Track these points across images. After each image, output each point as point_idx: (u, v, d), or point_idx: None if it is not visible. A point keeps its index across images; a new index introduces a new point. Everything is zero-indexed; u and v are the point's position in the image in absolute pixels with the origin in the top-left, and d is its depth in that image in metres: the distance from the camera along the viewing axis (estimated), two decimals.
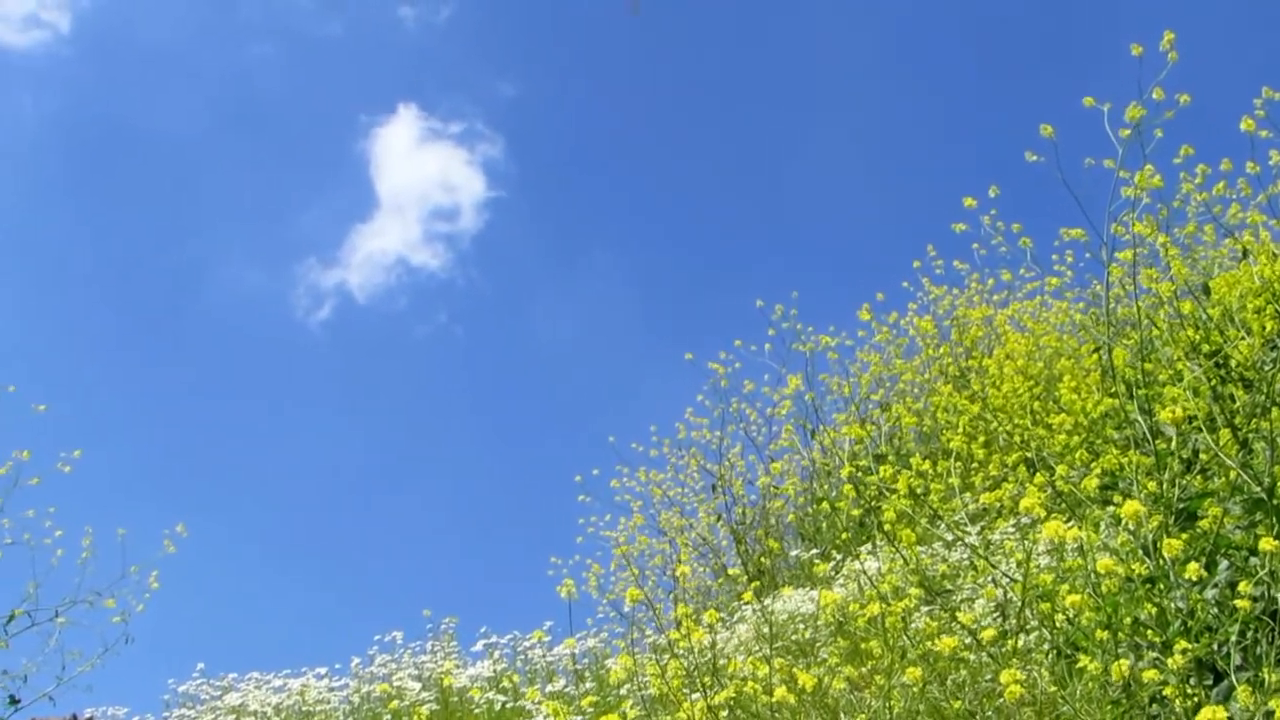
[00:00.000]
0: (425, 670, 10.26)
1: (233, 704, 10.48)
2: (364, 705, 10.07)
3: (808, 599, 8.29)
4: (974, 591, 6.70)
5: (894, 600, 5.26)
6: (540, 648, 9.88)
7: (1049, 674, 4.74)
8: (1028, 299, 13.62)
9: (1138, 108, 6.07)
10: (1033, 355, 11.65)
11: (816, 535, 11.60)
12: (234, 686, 10.99)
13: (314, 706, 10.19)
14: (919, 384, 12.88)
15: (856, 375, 12.81)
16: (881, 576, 6.24)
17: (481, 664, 9.90)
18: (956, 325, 13.32)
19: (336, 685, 10.67)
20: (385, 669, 10.45)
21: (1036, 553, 6.28)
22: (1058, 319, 12.79)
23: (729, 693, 4.58)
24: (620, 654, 5.33)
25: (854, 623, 5.70)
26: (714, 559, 12.73)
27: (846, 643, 5.74)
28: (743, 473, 13.29)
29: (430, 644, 10.79)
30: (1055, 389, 10.12)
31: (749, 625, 8.51)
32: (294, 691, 10.42)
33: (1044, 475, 6.49)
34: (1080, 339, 11.91)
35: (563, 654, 9.60)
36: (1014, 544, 6.96)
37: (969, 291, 13.82)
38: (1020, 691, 4.29)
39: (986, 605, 6.23)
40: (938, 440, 11.02)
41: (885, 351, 13.33)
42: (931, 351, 13.03)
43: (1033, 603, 5.40)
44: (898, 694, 4.61)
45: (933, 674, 4.53)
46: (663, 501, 13.37)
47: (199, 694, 11.18)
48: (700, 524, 13.03)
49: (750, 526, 12.81)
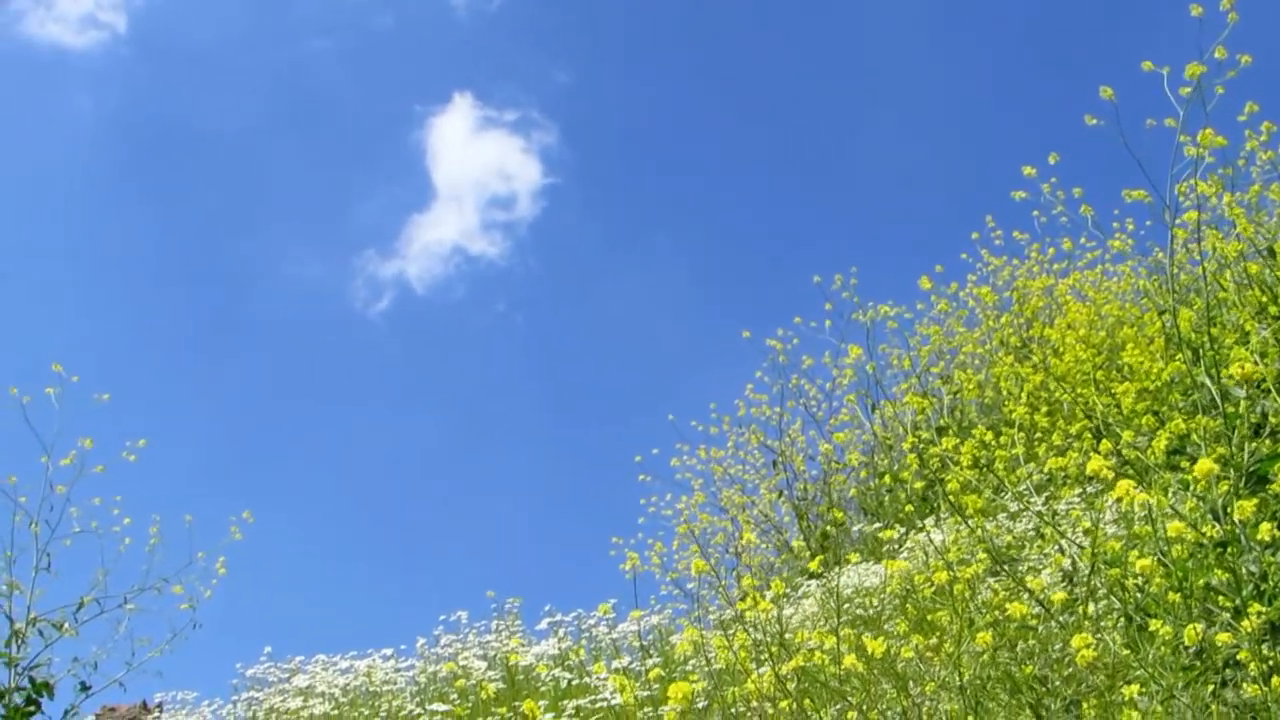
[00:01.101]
0: (490, 649, 10.29)
1: (300, 686, 10.55)
2: (430, 685, 10.11)
3: (872, 573, 8.25)
4: (1040, 561, 6.65)
5: (961, 568, 5.22)
6: (605, 624, 9.89)
7: (1120, 638, 4.69)
8: (1089, 268, 13.50)
9: (1198, 65, 5.97)
10: (1095, 324, 11.53)
11: (879, 509, 11.55)
12: (301, 669, 11.07)
13: (381, 687, 10.24)
14: (979, 355, 12.79)
15: (916, 348, 12.74)
16: (947, 548, 6.21)
17: (547, 642, 9.93)
18: (1017, 296, 13.21)
19: (403, 666, 10.73)
20: (451, 649, 10.49)
21: (1103, 521, 6.22)
22: (1120, 287, 12.67)
23: (797, 661, 4.56)
24: (686, 628, 5.32)
25: (920, 593, 5.66)
26: (776, 535, 12.71)
27: (913, 613, 5.70)
28: (803, 448, 13.28)
29: (495, 623, 10.82)
30: (1118, 358, 10.02)
31: (814, 600, 8.48)
32: (360, 672, 10.48)
33: (1110, 442, 6.43)
34: (1143, 307, 11.79)
35: (627, 631, 9.60)
36: (1080, 512, 6.90)
37: (1029, 262, 13.71)
38: (1092, 656, 4.24)
39: (1054, 574, 6.18)
40: (1000, 411, 10.94)
41: (945, 323, 13.24)
42: (992, 323, 12.93)
43: (1101, 571, 5.35)
44: (967, 661, 4.58)
45: (1002, 640, 4.49)
46: (724, 479, 13.37)
47: (267, 677, 11.26)
48: (762, 501, 13.01)
49: (812, 502, 12.79)
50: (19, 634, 10.58)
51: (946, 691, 4.67)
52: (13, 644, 10.50)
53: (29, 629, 10.69)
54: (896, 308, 12.70)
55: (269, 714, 10.59)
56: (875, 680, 4.56)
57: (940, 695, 4.68)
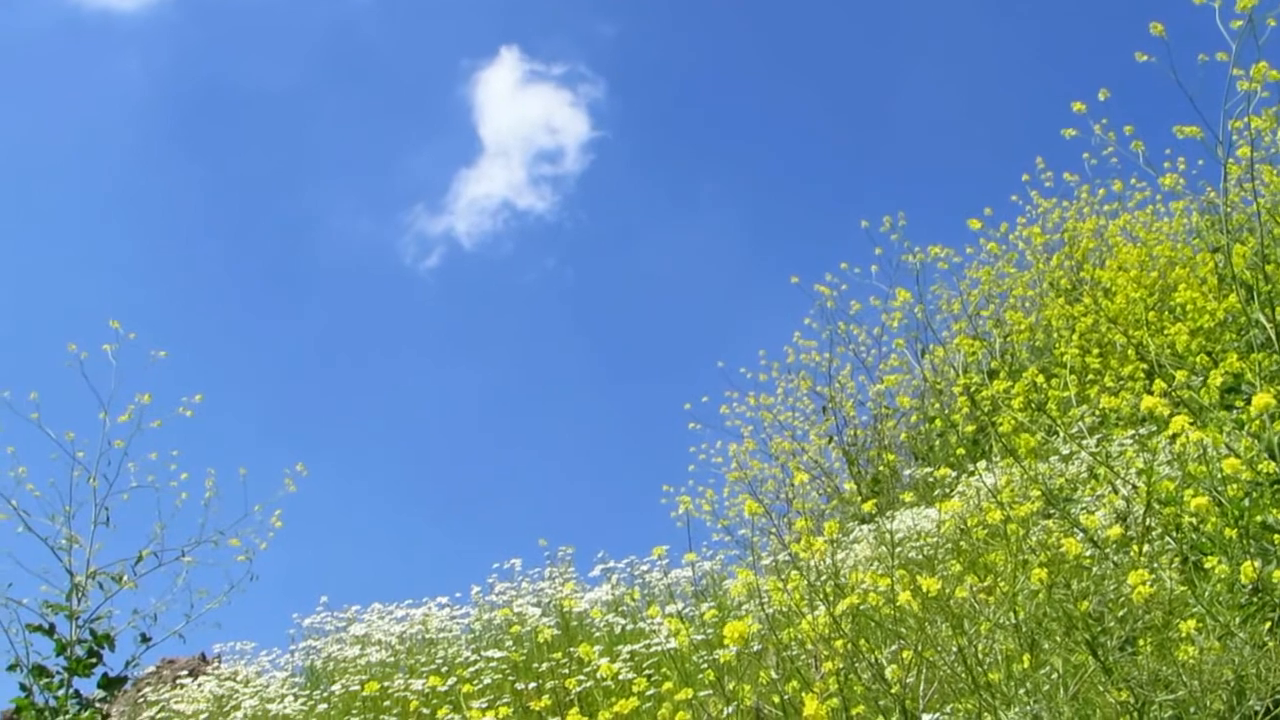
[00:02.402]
0: (544, 597, 10.36)
1: (357, 634, 10.66)
2: (485, 632, 10.20)
3: (924, 516, 8.24)
4: (1094, 503, 6.62)
5: (1014, 508, 5.22)
6: (658, 570, 9.94)
7: (1176, 575, 4.68)
8: (1139, 209, 13.38)
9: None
10: (1146, 266, 11.43)
11: (929, 454, 11.53)
12: (357, 618, 11.18)
13: (436, 635, 10.33)
14: (1029, 299, 12.71)
15: (966, 292, 12.67)
16: (999, 489, 6.19)
17: (600, 588, 9.99)
18: (1067, 238, 13.10)
19: (458, 614, 10.82)
20: (505, 596, 10.57)
21: (1157, 462, 6.19)
22: (1171, 228, 12.55)
23: (851, 601, 4.57)
24: (739, 572, 5.34)
25: (974, 535, 5.66)
26: (826, 481, 12.70)
27: (967, 552, 5.70)
28: (853, 394, 13.24)
29: (548, 571, 10.89)
30: (1170, 299, 9.94)
31: (866, 545, 8.49)
32: (416, 621, 10.58)
33: (1163, 382, 6.39)
34: (1195, 247, 11.67)
35: (680, 577, 9.65)
36: (1134, 453, 6.86)
37: (1079, 203, 13.59)
38: (1148, 593, 4.24)
39: (1108, 515, 6.16)
40: (1051, 354, 10.88)
41: (995, 265, 13.15)
42: (1042, 265, 12.83)
43: (1156, 510, 5.33)
44: (1021, 600, 4.58)
45: (1058, 576, 4.49)
46: (773, 426, 13.36)
47: (323, 626, 11.39)
48: (812, 447, 13.00)
49: (862, 448, 12.77)
50: (79, 587, 10.73)
51: (1001, 631, 4.67)
52: (73, 597, 10.67)
53: (89, 582, 10.85)
54: (945, 249, 12.64)
55: (326, 663, 10.71)
56: (930, 620, 4.57)
57: (995, 635, 4.68)
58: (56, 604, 10.58)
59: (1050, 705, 4.34)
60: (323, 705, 9.48)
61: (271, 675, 11.22)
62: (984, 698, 4.38)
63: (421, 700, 8.19)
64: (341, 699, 9.42)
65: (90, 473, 11.07)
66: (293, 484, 11.71)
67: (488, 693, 8.27)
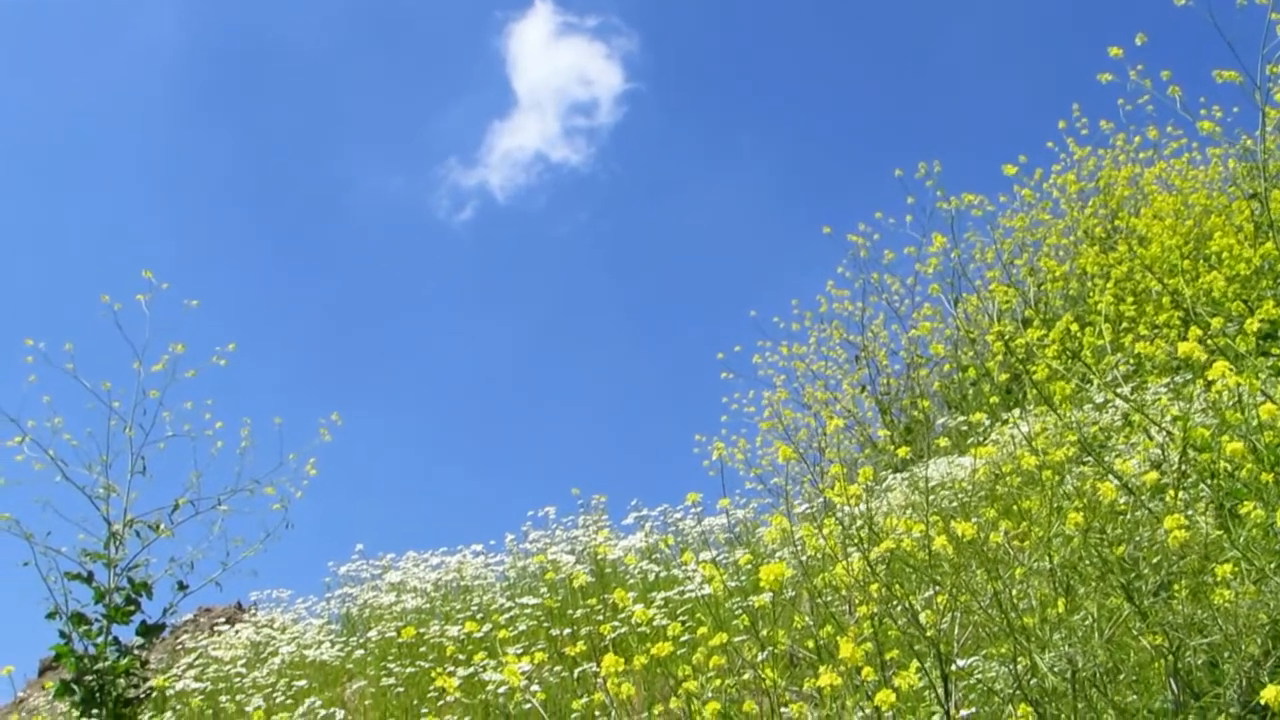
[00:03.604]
0: (578, 544, 10.41)
1: (392, 581, 10.75)
2: (520, 580, 10.27)
3: (957, 465, 8.25)
4: (1128, 451, 6.62)
5: (1049, 453, 5.22)
6: (692, 518, 9.97)
7: (1211, 520, 4.68)
8: (1174, 157, 13.28)
9: None
10: (1181, 214, 11.37)
11: (962, 403, 11.51)
12: (393, 565, 11.27)
13: (471, 582, 10.41)
14: (1064, 247, 12.65)
15: (999, 241, 12.61)
16: (1034, 436, 6.19)
17: (633, 536, 10.04)
18: (1102, 185, 13.02)
19: (492, 561, 10.89)
20: (539, 544, 10.63)
21: (1192, 410, 6.18)
22: (1207, 176, 12.46)
23: (887, 545, 4.59)
24: (773, 517, 5.35)
25: (1008, 481, 5.66)
26: (859, 431, 12.70)
27: (1002, 495, 5.70)
28: (886, 343, 13.22)
29: (581, 519, 10.93)
30: (1205, 247, 9.89)
31: (899, 494, 8.50)
32: (451, 568, 10.66)
33: (1199, 328, 6.36)
34: (1231, 195, 11.60)
35: (713, 525, 9.69)
36: (1168, 401, 6.85)
37: (1114, 151, 13.48)
38: (1184, 537, 4.24)
39: (1142, 462, 6.15)
40: (1085, 303, 10.83)
41: (1030, 212, 13.09)
42: (1076, 213, 12.77)
43: (1191, 459, 5.33)
44: (1056, 545, 4.59)
45: (1093, 521, 4.49)
46: (806, 375, 13.36)
47: (359, 574, 11.49)
48: (844, 396, 12.99)
49: (895, 397, 12.76)
50: (117, 535, 10.84)
51: (1036, 576, 4.69)
52: (111, 545, 10.78)
53: (126, 531, 10.96)
54: (979, 196, 12.57)
55: (362, 609, 10.81)
56: (965, 564, 4.59)
57: (1029, 580, 4.70)
58: (95, 552, 10.70)
59: (1085, 649, 4.36)
60: (359, 651, 9.58)
61: (308, 622, 11.34)
62: (1019, 641, 4.40)
63: (457, 646, 8.26)
64: (378, 645, 9.51)
65: (126, 422, 11.17)
66: (328, 433, 11.79)
67: (523, 639, 8.34)
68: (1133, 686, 4.59)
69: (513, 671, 4.87)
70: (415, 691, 8.35)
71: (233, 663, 10.16)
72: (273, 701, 8.72)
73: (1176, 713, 4.35)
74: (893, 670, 4.71)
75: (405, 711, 8.12)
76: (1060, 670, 4.38)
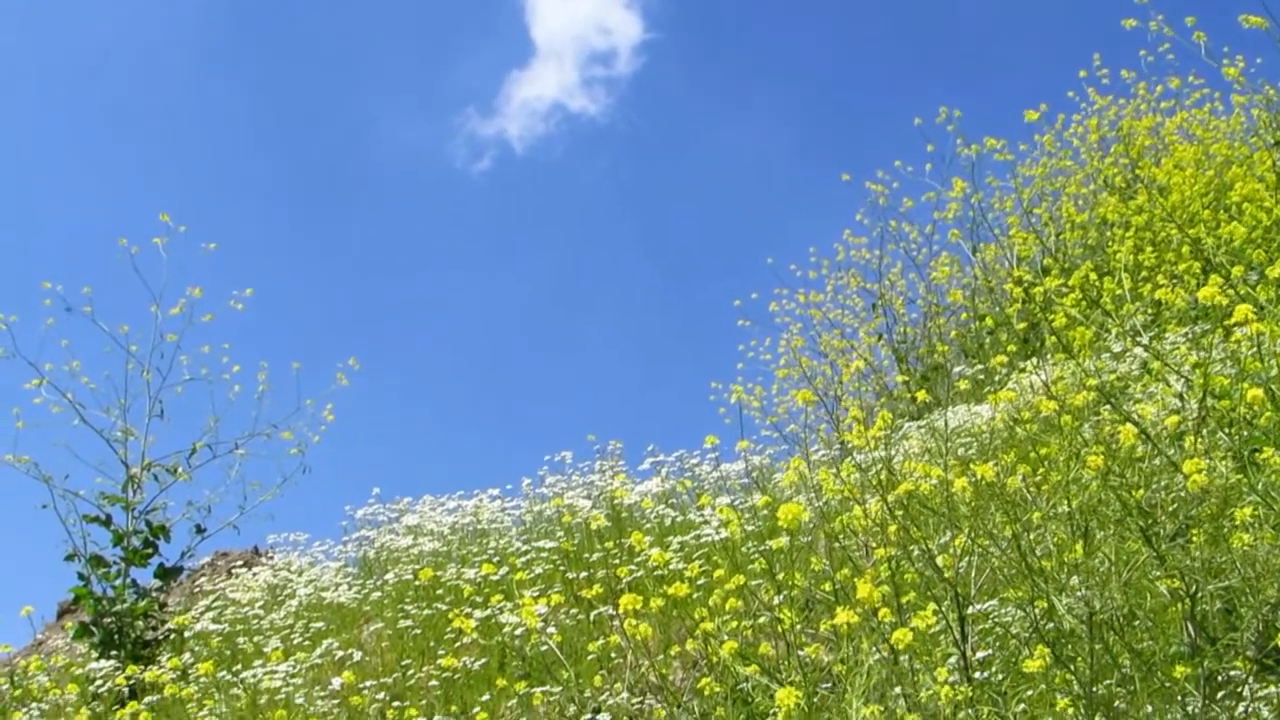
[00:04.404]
0: (594, 490, 10.42)
1: (409, 525, 10.78)
2: (536, 524, 10.29)
3: (974, 413, 8.24)
4: (1147, 399, 6.60)
5: (1069, 397, 5.21)
6: (709, 463, 9.99)
7: (1230, 466, 4.67)
8: (1196, 107, 13.19)
9: None
10: (1202, 164, 11.30)
11: (980, 352, 11.49)
12: (410, 509, 11.30)
13: (488, 526, 10.44)
14: (1083, 197, 12.58)
15: (1018, 190, 12.53)
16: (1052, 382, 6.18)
17: (650, 482, 10.04)
18: (1123, 134, 12.93)
19: (509, 506, 10.90)
20: (556, 489, 10.64)
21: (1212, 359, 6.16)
22: (1229, 126, 12.38)
23: (906, 487, 4.59)
24: (791, 461, 5.36)
25: (1026, 427, 5.66)
26: (875, 379, 12.69)
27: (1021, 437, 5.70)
28: (903, 292, 13.20)
29: (598, 464, 10.94)
30: (1226, 197, 9.84)
31: (915, 441, 8.50)
32: (468, 512, 10.68)
33: (1219, 276, 6.33)
34: (1253, 146, 11.52)
35: (730, 471, 9.71)
36: (1187, 349, 6.83)
37: (1135, 101, 13.39)
38: (1203, 481, 4.24)
39: (1161, 411, 6.14)
40: (1103, 253, 10.79)
41: (1050, 161, 13.01)
42: (1096, 163, 12.69)
43: (1210, 407, 5.31)
44: (1075, 490, 4.59)
45: (1112, 464, 4.49)
46: (823, 323, 13.35)
47: (376, 517, 11.52)
48: (861, 345, 12.98)
49: (912, 345, 12.74)
50: (134, 479, 10.92)
51: (1054, 521, 4.69)
52: (129, 488, 10.86)
53: (144, 474, 11.03)
54: (1001, 140, 12.49)
55: (379, 553, 10.86)
56: (983, 507, 4.59)
57: (1047, 524, 4.70)
58: (113, 495, 10.77)
59: (1102, 593, 4.36)
60: (376, 594, 9.63)
61: (325, 566, 11.39)
62: (1036, 583, 4.41)
63: (475, 589, 8.30)
64: (395, 588, 9.56)
65: (144, 366, 11.24)
66: (345, 378, 11.85)
67: (539, 582, 8.38)
68: (1149, 631, 4.60)
69: (530, 612, 4.89)
70: (432, 633, 8.40)
71: (250, 605, 10.23)
72: (290, 643, 8.77)
73: (1193, 656, 4.36)
74: (909, 614, 4.72)
75: (422, 653, 8.17)
76: (1077, 613, 4.39)
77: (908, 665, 4.52)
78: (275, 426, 11.63)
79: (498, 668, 7.58)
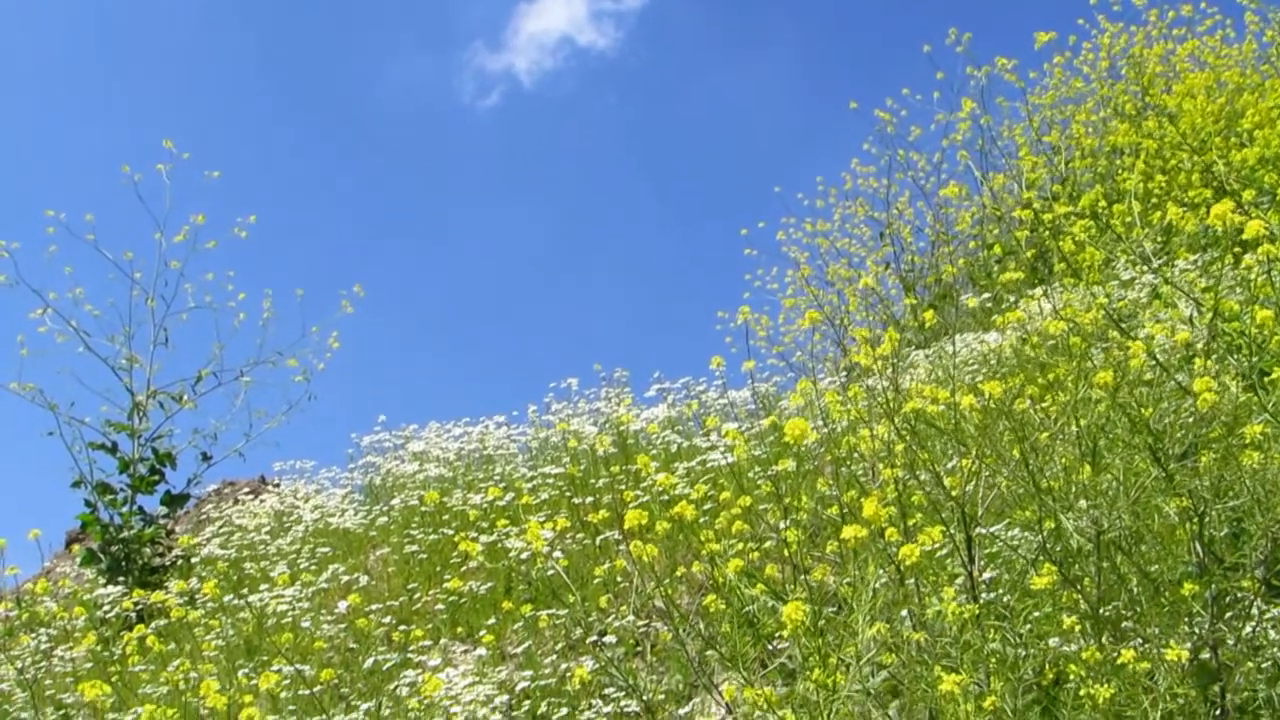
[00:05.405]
0: (600, 417, 10.40)
1: (415, 451, 10.78)
2: (542, 451, 10.29)
3: (982, 342, 8.20)
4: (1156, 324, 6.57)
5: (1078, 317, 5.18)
6: (715, 389, 9.96)
7: (1240, 386, 4.64)
8: (1208, 35, 13.06)
9: None
10: (1213, 92, 11.20)
11: (987, 281, 11.44)
12: (416, 436, 11.29)
13: (494, 452, 10.43)
14: (1093, 124, 12.46)
15: (1028, 117, 12.43)
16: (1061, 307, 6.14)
17: (656, 409, 10.03)
18: (1134, 62, 12.80)
19: (515, 432, 10.89)
20: (562, 415, 10.62)
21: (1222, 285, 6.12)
22: (1240, 54, 12.27)
23: (914, 405, 4.57)
24: (799, 384, 5.35)
25: (1035, 350, 5.63)
26: (882, 309, 12.64)
27: (1029, 359, 5.67)
28: (911, 220, 13.11)
29: (604, 391, 10.91)
30: (1237, 125, 9.77)
31: (923, 370, 8.47)
32: (474, 438, 10.67)
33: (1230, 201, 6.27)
34: (1264, 74, 11.43)
35: (736, 399, 9.68)
36: (1196, 275, 6.80)
37: (1147, 28, 13.25)
38: (1213, 399, 4.22)
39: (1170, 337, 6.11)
40: (1113, 181, 10.72)
41: (1061, 89, 12.89)
42: (1106, 90, 12.58)
43: (1220, 330, 5.28)
44: (1083, 409, 4.56)
45: (1121, 383, 4.46)
46: (830, 253, 13.28)
47: (382, 444, 11.52)
48: (868, 274, 12.90)
49: (920, 275, 12.69)
50: (140, 406, 10.94)
51: (1062, 443, 4.67)
52: (134, 416, 10.89)
53: (150, 401, 11.06)
54: (1012, 60, 12.35)
55: (385, 479, 10.87)
56: (991, 426, 4.57)
57: (1055, 446, 4.68)
58: (118, 423, 10.80)
59: (1110, 512, 4.35)
60: (383, 519, 9.65)
61: (331, 492, 11.41)
62: (1044, 503, 4.39)
63: (480, 514, 8.32)
64: (401, 513, 9.58)
65: (148, 293, 11.24)
66: (350, 305, 11.84)
67: (545, 507, 8.38)
68: (1157, 551, 4.59)
69: (536, 534, 4.89)
70: (438, 558, 8.43)
71: (257, 530, 10.26)
72: (297, 567, 8.80)
73: (1200, 576, 4.35)
74: (916, 535, 4.72)
75: (428, 577, 8.20)
76: (1085, 533, 4.38)
77: (914, 587, 4.52)
78: (280, 354, 11.65)
79: (504, 592, 7.60)
